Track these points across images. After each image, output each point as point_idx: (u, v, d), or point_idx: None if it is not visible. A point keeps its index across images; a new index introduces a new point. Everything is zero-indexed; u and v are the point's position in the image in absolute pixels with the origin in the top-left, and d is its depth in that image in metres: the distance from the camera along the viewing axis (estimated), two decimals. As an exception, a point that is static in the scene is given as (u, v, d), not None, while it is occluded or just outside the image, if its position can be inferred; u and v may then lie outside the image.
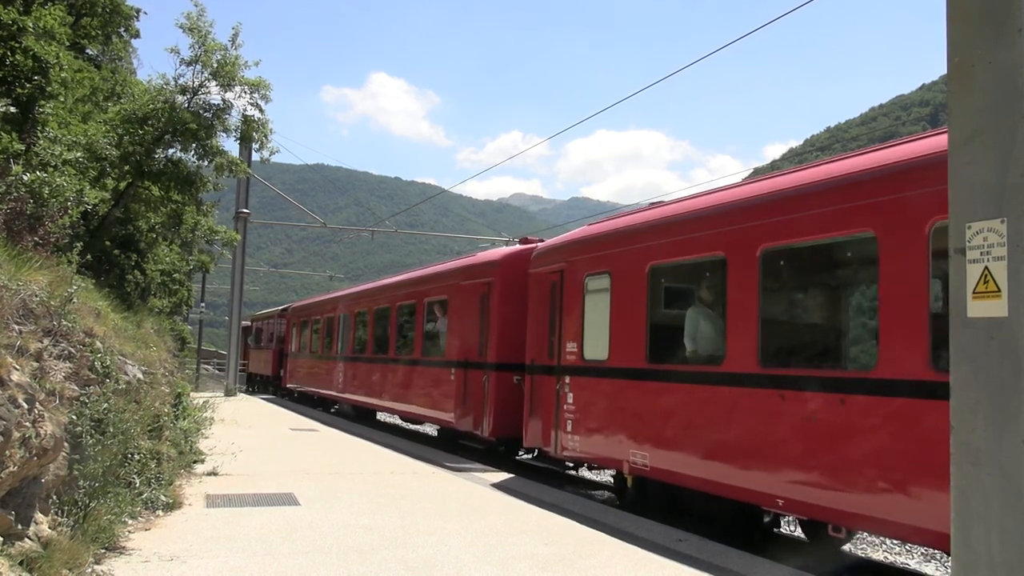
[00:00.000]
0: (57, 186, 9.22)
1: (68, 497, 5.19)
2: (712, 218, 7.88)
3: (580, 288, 9.90)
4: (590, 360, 9.55)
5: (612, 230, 9.81)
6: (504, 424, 12.00)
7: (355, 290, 22.36)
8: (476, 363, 12.83)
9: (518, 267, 12.21)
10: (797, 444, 6.52)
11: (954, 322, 2.86)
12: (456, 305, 13.89)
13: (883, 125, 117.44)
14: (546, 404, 10.44)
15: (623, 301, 9.00)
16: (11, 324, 4.89)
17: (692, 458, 7.67)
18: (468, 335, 13.23)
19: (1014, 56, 2.70)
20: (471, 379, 12.93)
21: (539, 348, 10.82)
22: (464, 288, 13.62)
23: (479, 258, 14.02)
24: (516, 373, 11.78)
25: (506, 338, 12.14)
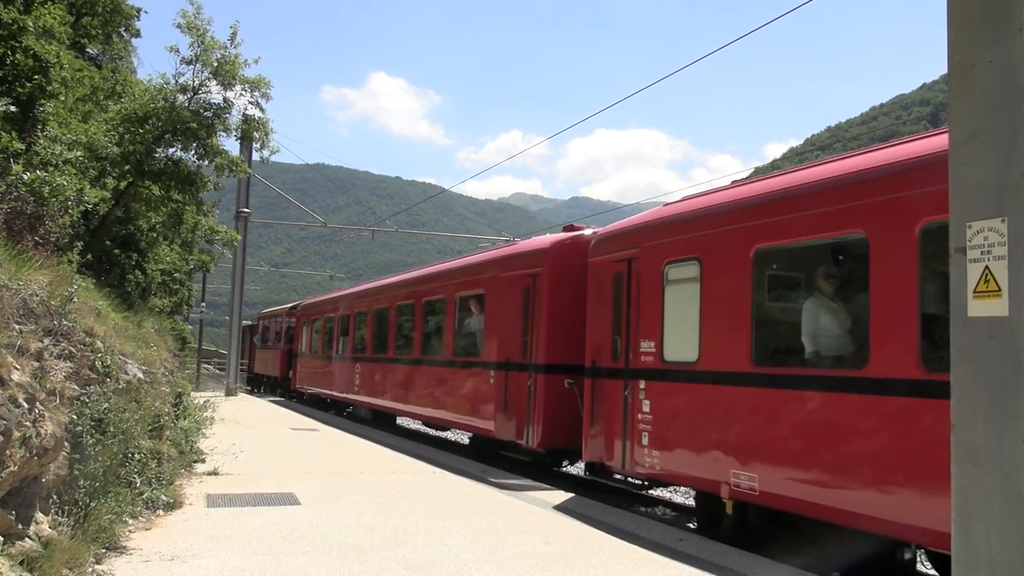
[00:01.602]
0: (57, 185, 9.23)
1: (68, 497, 5.19)
2: (848, 188, 6.43)
3: (658, 278, 8.54)
4: (672, 362, 8.24)
5: (703, 208, 8.31)
6: (554, 433, 10.76)
7: (373, 285, 20.69)
8: (519, 364, 11.57)
9: (569, 256, 11.04)
10: None
11: (954, 321, 2.86)
12: (495, 300, 12.49)
13: (884, 124, 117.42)
14: (611, 413, 9.22)
15: (718, 292, 7.64)
16: (11, 323, 4.89)
17: (822, 482, 6.33)
18: (509, 333, 11.89)
19: (1014, 55, 2.69)
20: (514, 382, 11.62)
21: (601, 348, 9.61)
22: (504, 281, 12.25)
23: (522, 247, 12.62)
24: (568, 375, 10.56)
25: (556, 336, 10.91)
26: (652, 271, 8.68)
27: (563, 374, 10.66)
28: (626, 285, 9.21)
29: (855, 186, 6.42)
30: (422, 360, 15.60)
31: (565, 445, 10.74)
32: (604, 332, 9.56)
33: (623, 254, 9.36)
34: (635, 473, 8.74)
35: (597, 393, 9.58)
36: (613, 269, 9.54)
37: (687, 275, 8.13)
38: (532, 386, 11.11)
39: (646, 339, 8.62)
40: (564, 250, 11.31)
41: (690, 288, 8.01)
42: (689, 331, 7.93)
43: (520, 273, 11.87)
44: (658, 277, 8.55)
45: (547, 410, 10.79)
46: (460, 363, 13.68)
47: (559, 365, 10.77)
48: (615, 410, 9.11)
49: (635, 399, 8.67)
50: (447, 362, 14.23)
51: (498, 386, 11.97)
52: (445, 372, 14.29)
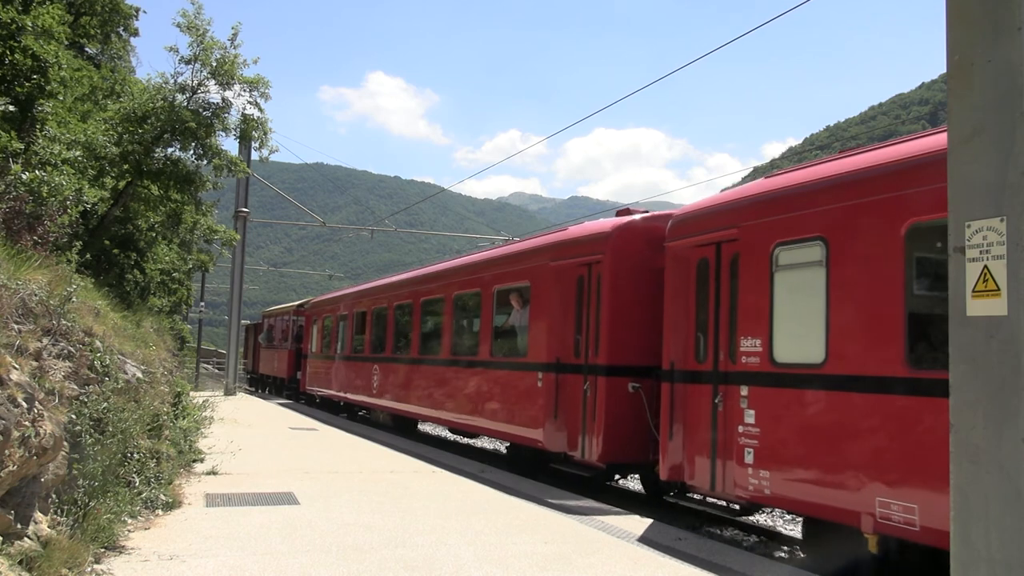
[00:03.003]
0: (56, 185, 9.22)
1: (67, 496, 5.19)
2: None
3: (764, 263, 7.24)
4: (786, 364, 6.92)
5: (830, 177, 6.76)
6: (616, 445, 9.42)
7: (394, 280, 18.96)
8: (573, 365, 10.23)
9: (633, 241, 9.82)
10: None
11: (953, 321, 2.86)
12: (542, 292, 11.04)
13: (883, 124, 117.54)
14: (696, 424, 7.98)
15: (854, 279, 6.33)
16: (10, 323, 4.89)
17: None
18: (561, 330, 10.53)
19: (1014, 54, 2.69)
20: (566, 386, 10.30)
21: (682, 348, 8.30)
22: (555, 271, 10.78)
23: (576, 232, 11.03)
24: (632, 378, 9.41)
25: (619, 333, 9.61)
26: (756, 255, 7.35)
27: (627, 376, 9.44)
28: (715, 273, 7.97)
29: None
30: (452, 361, 14.06)
31: (629, 459, 9.50)
32: (686, 329, 8.30)
33: (712, 236, 7.99)
34: (733, 496, 7.38)
35: (678, 400, 8.22)
36: (698, 255, 8.24)
37: (806, 259, 6.80)
38: (589, 390, 9.77)
39: (748, 337, 7.32)
40: (628, 234, 9.92)
41: (811, 275, 6.70)
42: (810, 327, 6.65)
43: (574, 261, 10.49)
44: (764, 262, 7.22)
45: (609, 418, 9.40)
46: (499, 364, 12.19)
47: (622, 366, 9.52)
48: (702, 421, 7.87)
49: (732, 408, 7.42)
50: (482, 363, 12.71)
51: (547, 390, 10.55)
52: (480, 374, 12.79)
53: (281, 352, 31.38)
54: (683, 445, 8.14)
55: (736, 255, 7.64)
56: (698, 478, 7.91)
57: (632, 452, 9.40)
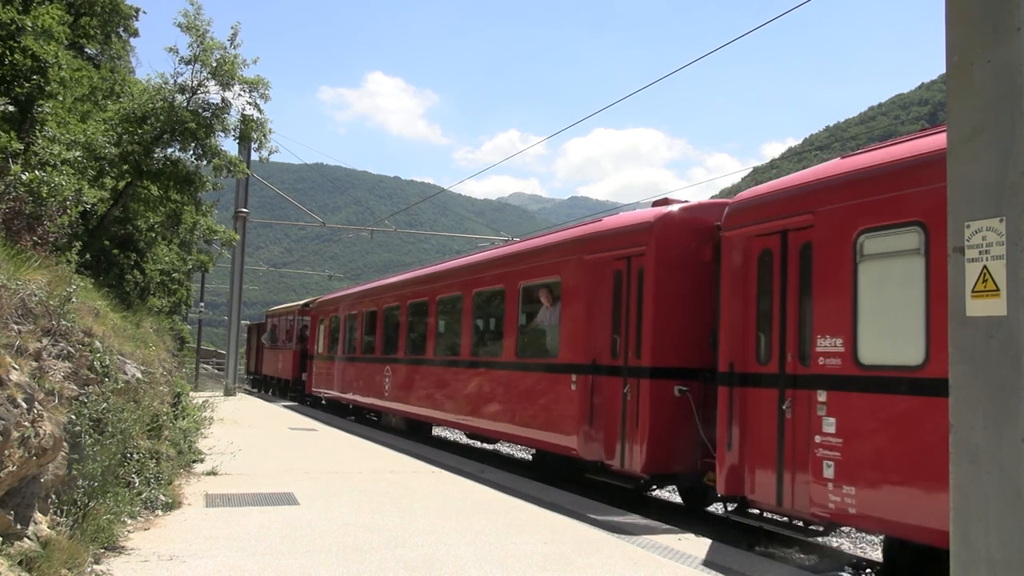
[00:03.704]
0: (56, 185, 9.22)
1: (67, 497, 5.19)
2: None
3: (846, 252, 6.48)
4: (875, 366, 6.14)
5: (930, 153, 5.91)
6: (662, 455, 8.69)
7: (408, 277, 18.00)
8: (612, 367, 9.45)
9: (679, 232, 9.12)
10: None
11: (953, 321, 2.87)
12: (576, 288, 10.22)
13: (882, 124, 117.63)
14: (758, 432, 7.24)
15: None
16: (10, 323, 4.89)
17: None
18: (596, 329, 9.75)
19: (1013, 54, 2.70)
20: (603, 389, 9.53)
21: (741, 347, 7.55)
22: (589, 265, 9.98)
23: (614, 223, 10.15)
24: (678, 381, 8.70)
25: (664, 332, 8.84)
26: (835, 244, 6.59)
27: (672, 379, 8.73)
28: (780, 265, 7.25)
29: None
30: (472, 362, 13.21)
31: (674, 468, 8.77)
32: (745, 328, 7.54)
33: (778, 224, 7.26)
34: (806, 514, 6.64)
35: (737, 406, 7.48)
36: (761, 245, 7.50)
37: (900, 247, 6.11)
38: (630, 394, 9.02)
39: (826, 335, 6.55)
40: (672, 225, 9.16)
41: (906, 265, 6.02)
42: (906, 324, 5.96)
43: (612, 255, 9.69)
44: (846, 251, 6.47)
45: (653, 425, 8.66)
46: (526, 366, 11.35)
47: (668, 368, 8.78)
48: (765, 429, 7.16)
49: (805, 415, 6.70)
50: (506, 364, 11.85)
51: (581, 394, 9.76)
52: (504, 376, 11.94)
53: (285, 353, 30.68)
54: (743, 455, 7.38)
55: (807, 244, 6.92)
56: (760, 492, 7.17)
57: (678, 461, 8.68)
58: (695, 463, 8.65)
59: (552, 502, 8.47)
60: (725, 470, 7.50)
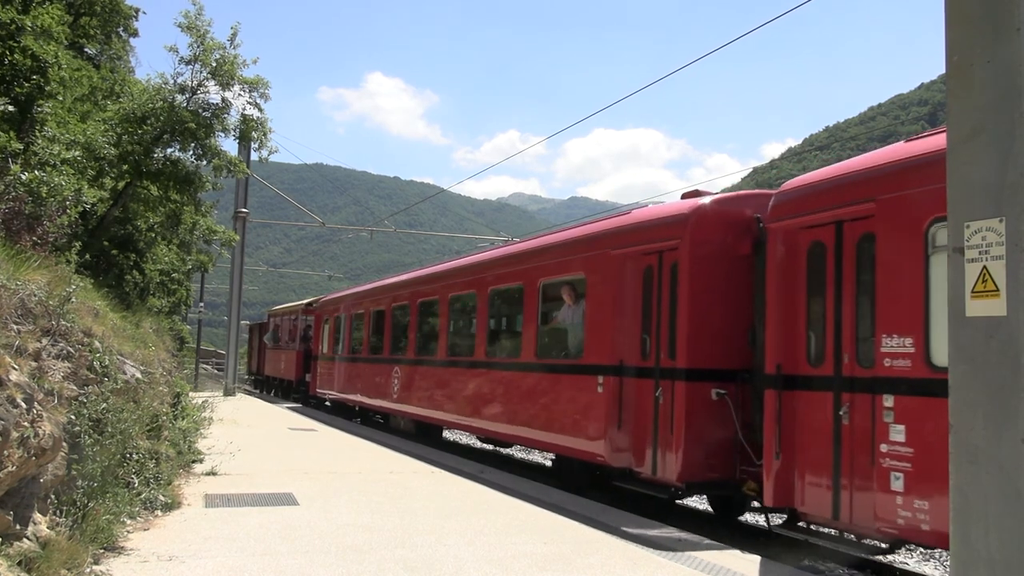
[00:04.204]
0: (55, 185, 9.23)
1: (66, 497, 5.19)
2: None
3: (917, 243, 5.98)
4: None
5: None
6: (699, 462, 8.16)
7: (417, 275, 17.33)
8: (641, 368, 8.98)
9: (714, 225, 8.58)
10: None
11: (953, 321, 2.87)
12: (602, 285, 9.68)
13: (882, 124, 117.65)
14: (810, 439, 6.76)
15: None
16: (9, 324, 4.89)
17: None
18: (625, 328, 9.23)
19: (1013, 54, 2.70)
20: (632, 392, 9.03)
21: (789, 347, 7.05)
22: (618, 261, 9.44)
23: (644, 217, 9.60)
24: (716, 383, 8.21)
25: (702, 332, 8.34)
26: (903, 234, 6.09)
27: (709, 381, 8.24)
28: (834, 258, 6.75)
29: None
30: (487, 363, 12.64)
31: (712, 477, 8.24)
32: (794, 326, 7.04)
33: (831, 214, 6.77)
34: (870, 529, 6.19)
35: (787, 411, 6.97)
36: (811, 237, 7.02)
37: None
38: (662, 397, 8.54)
39: (893, 334, 6.06)
40: (708, 217, 8.61)
41: None
42: None
43: (641, 249, 9.18)
44: (916, 242, 5.97)
45: (690, 430, 8.14)
46: (547, 367, 10.82)
47: (705, 370, 8.28)
48: (819, 436, 6.66)
49: (866, 421, 6.24)
50: (525, 365, 11.32)
51: (609, 397, 9.21)
52: (522, 378, 11.41)
53: (288, 353, 30.04)
54: (793, 464, 6.89)
55: (867, 235, 6.43)
56: (813, 505, 6.67)
57: (715, 470, 8.16)
58: (733, 471, 8.16)
59: (552, 502, 8.47)
60: (772, 480, 6.94)
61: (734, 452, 8.11)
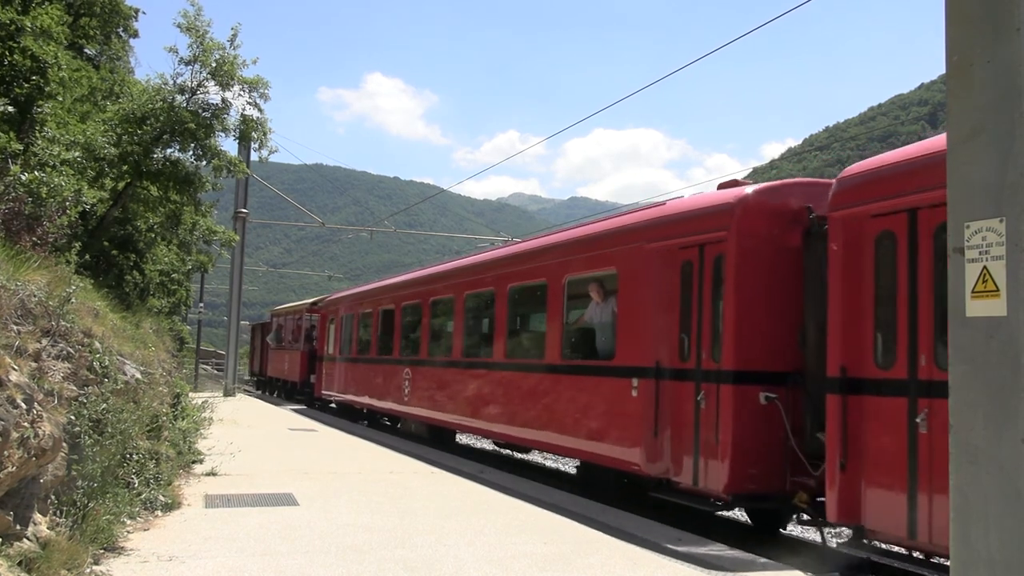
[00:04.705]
0: (55, 186, 9.23)
1: (67, 497, 5.19)
2: None
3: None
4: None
5: None
6: (748, 472, 7.61)
7: (430, 272, 16.62)
8: (679, 370, 8.39)
9: (761, 215, 8.02)
10: None
11: (953, 322, 2.87)
12: (636, 281, 9.12)
13: (882, 124, 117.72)
14: (879, 450, 6.23)
15: None
16: (9, 324, 4.89)
17: None
18: (662, 327, 8.65)
19: (1013, 54, 2.70)
20: (670, 395, 8.43)
21: (855, 348, 6.49)
22: (654, 255, 8.84)
23: (682, 207, 8.99)
24: (764, 386, 7.62)
25: (750, 331, 7.77)
26: None
27: (758, 384, 7.66)
28: (908, 250, 6.19)
29: None
30: (506, 364, 11.98)
31: (761, 488, 7.65)
32: (861, 325, 6.49)
33: (904, 200, 6.20)
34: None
35: (854, 418, 6.45)
36: (881, 226, 6.44)
37: None
38: (704, 402, 7.98)
39: None
40: (755, 207, 8.04)
41: None
42: None
43: (681, 242, 8.61)
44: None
45: (737, 438, 7.57)
46: (573, 368, 10.20)
47: (753, 372, 7.71)
48: (890, 446, 6.13)
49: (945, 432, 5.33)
50: (548, 367, 10.71)
51: (645, 400, 8.62)
52: (545, 380, 10.81)
53: (292, 353, 29.32)
54: (860, 477, 6.34)
55: (946, 225, 5.78)
56: (884, 521, 6.12)
57: (765, 480, 7.60)
58: (784, 482, 7.59)
59: (552, 503, 8.47)
60: (836, 493, 6.39)
61: (784, 461, 7.54)
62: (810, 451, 7.23)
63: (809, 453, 7.21)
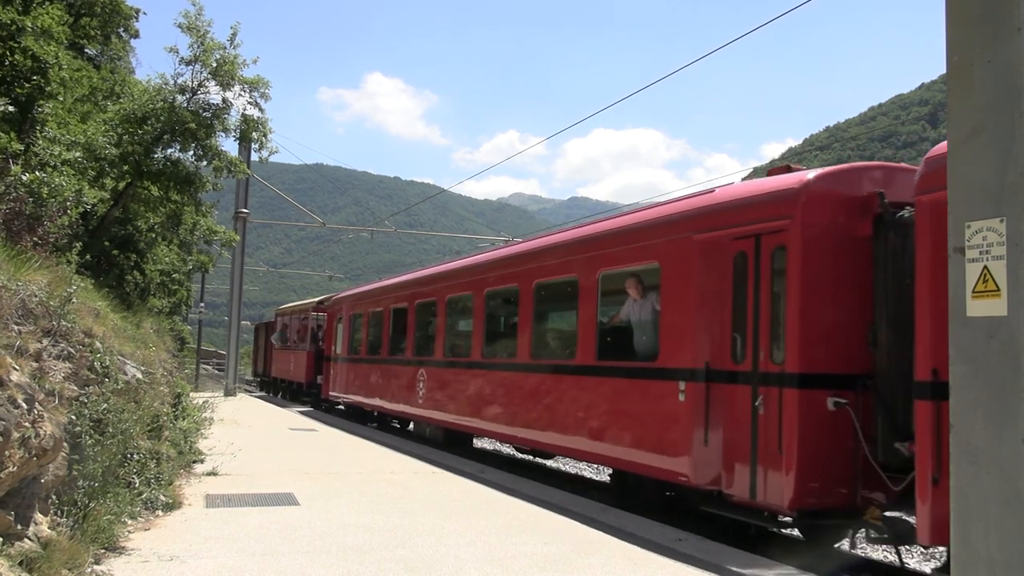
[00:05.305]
0: (56, 186, 9.23)
1: (67, 497, 5.19)
2: None
3: None
4: None
5: None
6: (815, 486, 6.91)
7: (446, 268, 15.70)
8: (733, 373, 7.70)
9: (827, 202, 7.31)
10: None
11: (953, 321, 2.87)
12: (682, 275, 8.40)
13: (882, 124, 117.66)
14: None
15: None
16: (10, 324, 4.89)
17: None
18: (711, 325, 7.98)
19: (1013, 54, 2.70)
20: (725, 400, 7.71)
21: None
22: (703, 246, 8.16)
23: (736, 194, 8.24)
24: (833, 391, 6.95)
25: (817, 329, 7.08)
26: None
27: (826, 388, 7.01)
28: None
29: None
30: (533, 366, 11.25)
31: (830, 503, 6.97)
32: None
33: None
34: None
35: (948, 427, 5.27)
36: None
37: None
38: (764, 407, 7.27)
39: None
40: (821, 193, 7.33)
41: None
42: None
43: (733, 232, 7.91)
44: None
45: (804, 448, 6.87)
46: (611, 370, 9.48)
47: (820, 375, 7.05)
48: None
49: None
50: (581, 369, 10.00)
51: (693, 406, 7.92)
52: (576, 383, 10.07)
53: (298, 354, 28.41)
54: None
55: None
56: None
57: (834, 494, 6.94)
58: (854, 496, 6.97)
59: (553, 502, 8.47)
60: (928, 512, 5.81)
61: (854, 473, 6.94)
62: (885, 462, 6.70)
63: (884, 465, 6.67)
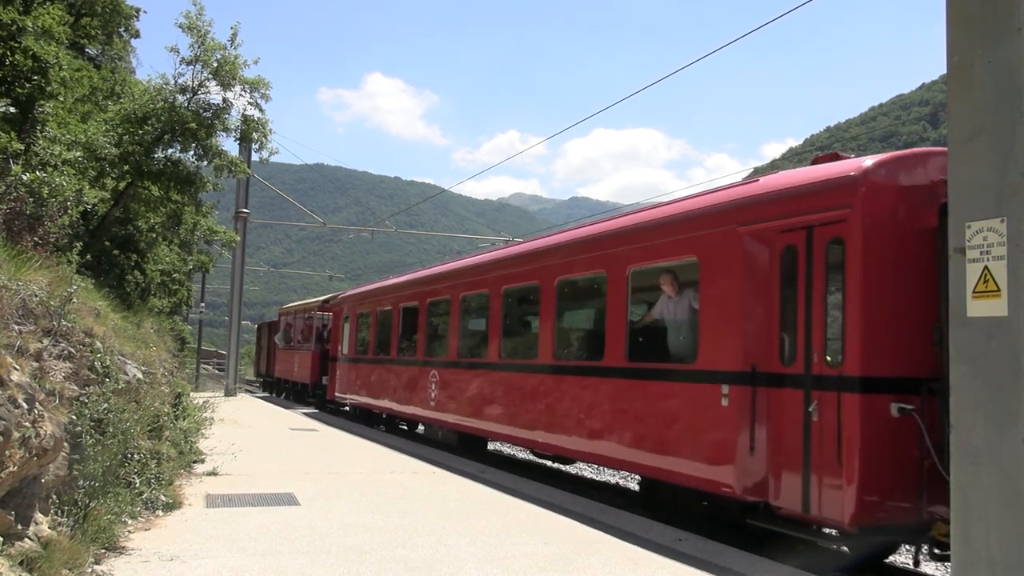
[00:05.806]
0: (56, 186, 9.23)
1: (68, 497, 5.19)
2: None
3: None
4: None
5: None
6: (881, 502, 6.32)
7: (461, 265, 14.94)
8: (785, 376, 7.06)
9: (886, 192, 6.69)
10: None
11: (954, 322, 2.87)
12: (724, 271, 7.77)
13: (883, 124, 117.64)
14: None
15: None
16: (11, 324, 4.89)
17: None
18: (757, 324, 7.37)
19: (1013, 54, 2.70)
20: (774, 405, 7.09)
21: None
22: (746, 239, 7.53)
23: (786, 183, 7.50)
24: (897, 396, 6.37)
25: (879, 329, 6.48)
26: None
27: (890, 393, 6.41)
28: None
29: None
30: (556, 367, 10.61)
31: (894, 519, 6.40)
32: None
33: None
34: None
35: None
36: None
37: None
38: (818, 413, 6.65)
39: None
40: (881, 182, 6.71)
41: None
42: None
43: (781, 224, 7.27)
44: None
45: (866, 458, 6.27)
46: (642, 372, 8.87)
47: (883, 379, 6.45)
48: None
49: None
50: (610, 371, 9.35)
51: (738, 411, 7.29)
52: (606, 385, 9.43)
53: (303, 354, 27.71)
54: None
55: None
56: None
57: (898, 509, 6.37)
58: (919, 511, 6.34)
59: (553, 503, 8.46)
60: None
61: (919, 485, 6.34)
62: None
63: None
